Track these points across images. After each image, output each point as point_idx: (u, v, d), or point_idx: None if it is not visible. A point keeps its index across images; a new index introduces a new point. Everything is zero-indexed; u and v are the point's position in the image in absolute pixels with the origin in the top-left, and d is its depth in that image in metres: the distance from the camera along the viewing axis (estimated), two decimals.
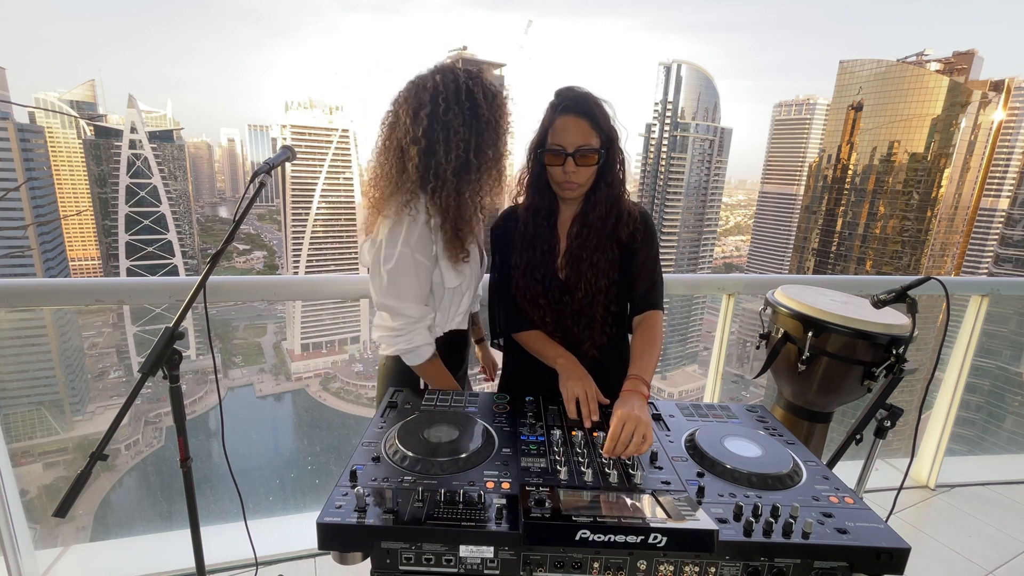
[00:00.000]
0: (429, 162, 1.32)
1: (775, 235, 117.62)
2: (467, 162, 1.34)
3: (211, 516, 2.10)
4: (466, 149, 1.32)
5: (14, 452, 1.89)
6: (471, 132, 1.32)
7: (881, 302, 1.54)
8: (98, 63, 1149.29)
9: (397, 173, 1.33)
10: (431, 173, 1.33)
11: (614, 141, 1.38)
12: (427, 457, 1.04)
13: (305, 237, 66.88)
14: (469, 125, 1.32)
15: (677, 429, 1.27)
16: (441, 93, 1.29)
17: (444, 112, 1.29)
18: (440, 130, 1.30)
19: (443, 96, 1.29)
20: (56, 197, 63.50)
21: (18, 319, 2.35)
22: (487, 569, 0.88)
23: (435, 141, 1.30)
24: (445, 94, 1.29)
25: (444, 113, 1.29)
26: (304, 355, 47.17)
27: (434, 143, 1.31)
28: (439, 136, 1.30)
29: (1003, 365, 4.45)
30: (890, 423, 1.54)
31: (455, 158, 1.32)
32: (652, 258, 1.46)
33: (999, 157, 73.72)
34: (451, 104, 1.29)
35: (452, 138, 1.31)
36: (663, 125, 75.16)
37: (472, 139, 1.33)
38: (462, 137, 1.31)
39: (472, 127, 1.32)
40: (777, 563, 0.88)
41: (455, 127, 1.30)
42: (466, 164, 1.34)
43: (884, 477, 2.62)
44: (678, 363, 62.82)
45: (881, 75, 67.44)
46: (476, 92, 1.32)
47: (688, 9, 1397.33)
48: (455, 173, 1.33)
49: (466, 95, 1.30)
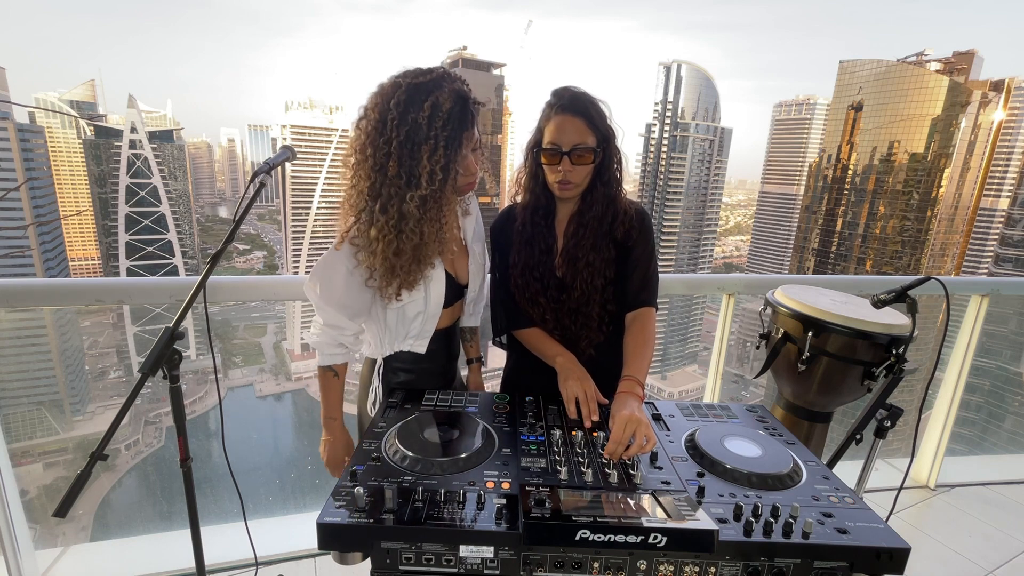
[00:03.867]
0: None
1: (775, 235, 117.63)
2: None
3: (211, 516, 2.11)
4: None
5: (14, 452, 1.89)
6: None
7: (881, 302, 1.54)
8: (98, 63, 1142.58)
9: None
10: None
11: (610, 140, 1.37)
12: (427, 457, 1.04)
13: (305, 237, 66.86)
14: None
15: (677, 429, 1.27)
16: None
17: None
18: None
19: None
20: (56, 197, 63.51)
21: (18, 319, 2.35)
22: (487, 569, 0.88)
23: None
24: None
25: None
26: (304, 355, 47.15)
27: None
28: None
29: (1003, 365, 4.45)
30: (890, 423, 1.54)
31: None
32: (647, 255, 1.45)
33: (999, 157, 73.73)
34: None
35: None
36: (663, 125, 75.16)
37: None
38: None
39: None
40: (777, 563, 0.88)
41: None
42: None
43: (884, 477, 2.62)
44: (678, 363, 62.79)
45: (881, 75, 67.47)
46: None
47: (688, 9, 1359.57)
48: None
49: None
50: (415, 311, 1.36)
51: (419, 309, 1.36)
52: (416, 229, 1.21)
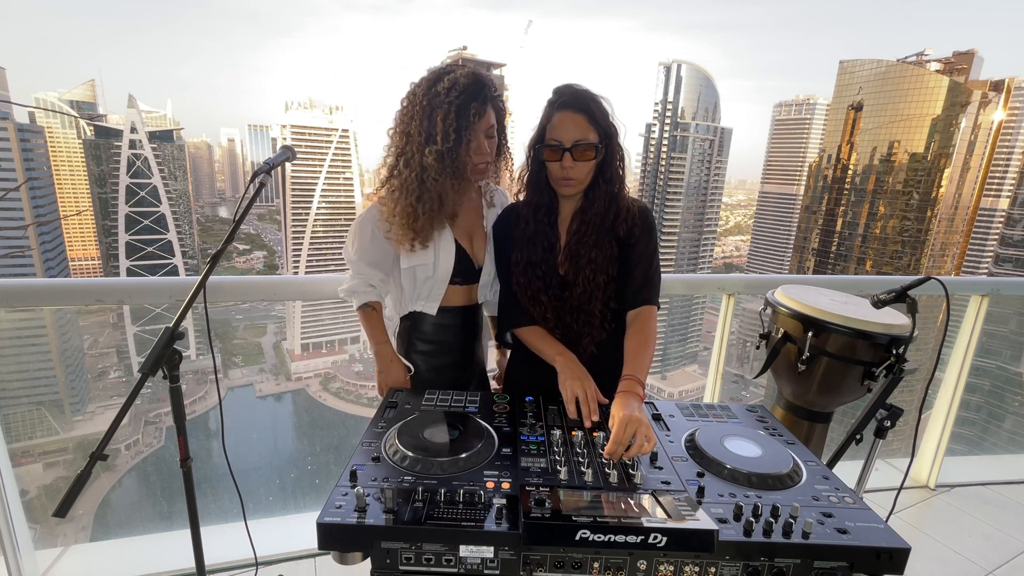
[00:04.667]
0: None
1: (775, 235, 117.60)
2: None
3: (211, 516, 2.11)
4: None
5: (14, 452, 1.89)
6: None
7: (881, 302, 1.54)
8: (98, 63, 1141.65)
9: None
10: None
11: (612, 137, 1.37)
12: (427, 457, 1.04)
13: (305, 237, 66.85)
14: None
15: (677, 429, 1.27)
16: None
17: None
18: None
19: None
20: (56, 197, 63.53)
21: (18, 319, 2.35)
22: (487, 569, 0.88)
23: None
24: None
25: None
26: (304, 355, 47.18)
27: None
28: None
29: (1003, 365, 4.45)
30: (890, 423, 1.54)
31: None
32: (648, 253, 1.45)
33: (999, 157, 73.71)
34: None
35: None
36: (663, 125, 75.14)
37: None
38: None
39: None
40: (777, 563, 0.88)
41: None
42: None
43: (884, 477, 2.62)
44: (678, 363, 62.77)
45: (881, 75, 67.44)
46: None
47: (688, 10, 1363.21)
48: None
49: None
50: (424, 275, 1.49)
51: (428, 274, 1.49)
52: (437, 179, 1.36)
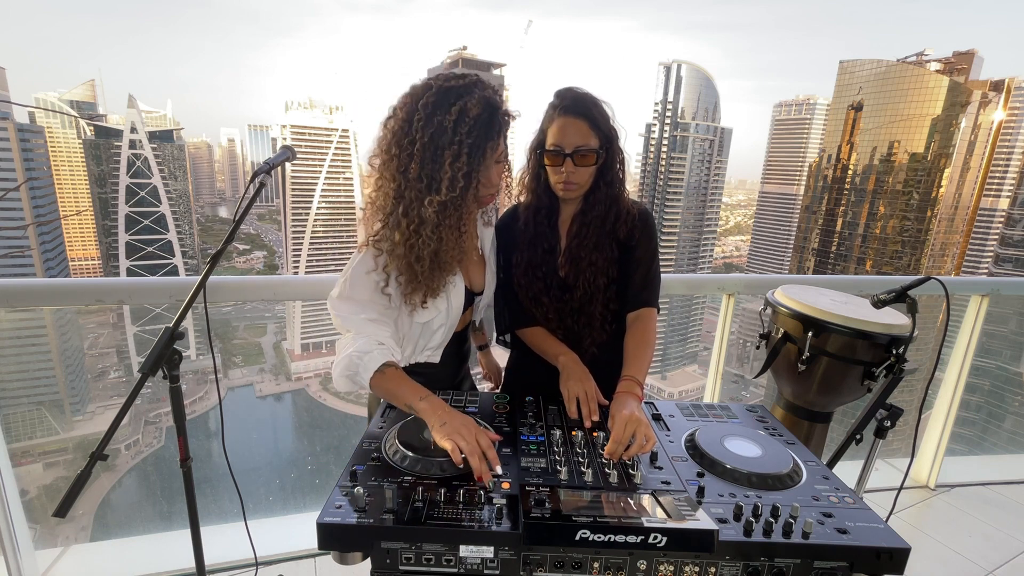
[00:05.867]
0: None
1: (775, 235, 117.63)
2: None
3: (211, 516, 2.11)
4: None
5: (14, 452, 1.89)
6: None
7: (881, 302, 1.54)
8: (98, 63, 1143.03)
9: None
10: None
11: (613, 141, 1.38)
12: (427, 457, 1.04)
13: (305, 237, 66.88)
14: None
15: (677, 429, 1.27)
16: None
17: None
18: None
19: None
20: (56, 197, 63.55)
21: (18, 319, 2.35)
22: (487, 569, 0.88)
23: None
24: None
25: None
26: (304, 355, 47.17)
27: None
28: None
29: (1003, 365, 4.45)
30: (890, 423, 1.54)
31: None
32: (648, 255, 1.46)
33: (999, 157, 73.73)
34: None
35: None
36: (663, 125, 75.18)
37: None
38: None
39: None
40: (777, 563, 0.88)
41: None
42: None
43: (884, 477, 2.62)
44: (678, 363, 62.77)
45: (881, 75, 67.48)
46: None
47: (688, 10, 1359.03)
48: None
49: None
50: (439, 324, 1.34)
51: (442, 322, 1.34)
52: (434, 235, 1.18)
